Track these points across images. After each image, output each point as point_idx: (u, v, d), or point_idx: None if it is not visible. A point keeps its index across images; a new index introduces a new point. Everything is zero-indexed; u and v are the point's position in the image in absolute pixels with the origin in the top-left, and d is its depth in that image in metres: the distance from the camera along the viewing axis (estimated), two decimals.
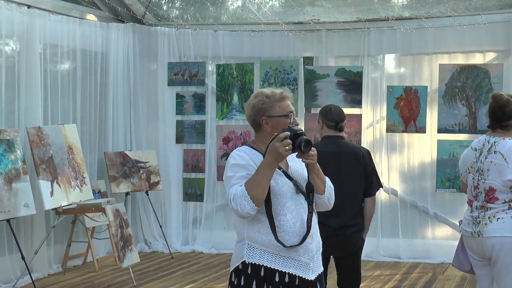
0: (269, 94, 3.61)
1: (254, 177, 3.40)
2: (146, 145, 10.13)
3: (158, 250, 9.95)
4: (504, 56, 9.14)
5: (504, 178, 4.58)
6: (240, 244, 3.57)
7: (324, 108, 5.63)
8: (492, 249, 4.61)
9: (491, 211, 4.66)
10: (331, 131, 5.47)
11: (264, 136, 3.59)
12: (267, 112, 3.58)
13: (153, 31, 10.17)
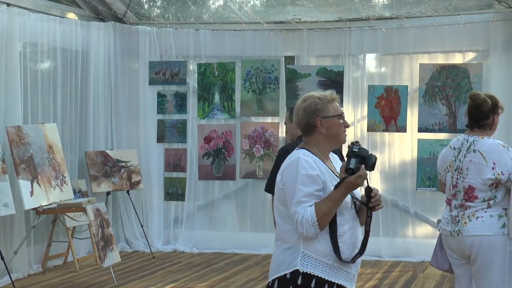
0: (319, 96, 3.58)
1: (327, 206, 3.36)
2: (127, 144, 10.09)
3: (139, 250, 9.92)
4: (483, 56, 9.21)
5: (483, 176, 4.61)
6: (290, 252, 3.47)
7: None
8: (472, 248, 4.64)
9: (470, 210, 4.68)
10: None
11: (318, 138, 3.56)
12: (321, 113, 3.55)
13: (134, 30, 10.14)
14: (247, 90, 9.89)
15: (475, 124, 4.80)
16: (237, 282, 8.06)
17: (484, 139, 4.72)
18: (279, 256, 3.51)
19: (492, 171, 4.58)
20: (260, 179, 9.80)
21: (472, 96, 4.85)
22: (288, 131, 5.70)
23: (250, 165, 9.86)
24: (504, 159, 4.61)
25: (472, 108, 4.79)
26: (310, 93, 3.64)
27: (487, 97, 4.80)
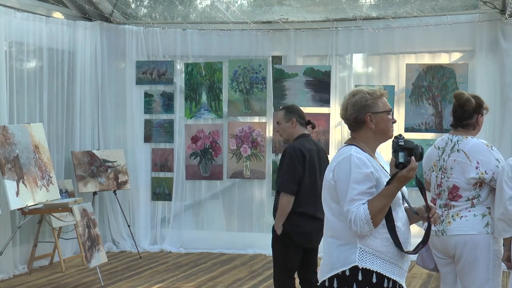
0: (369, 91, 3.55)
1: (381, 203, 3.34)
2: (114, 144, 10.07)
3: (126, 250, 9.90)
4: (469, 56, 9.25)
5: (467, 176, 4.63)
6: (347, 248, 3.43)
7: (292, 107, 5.74)
8: (456, 247, 4.66)
9: (455, 209, 4.70)
10: (304, 129, 5.61)
11: (366, 134, 3.55)
12: (371, 108, 3.52)
13: (121, 29, 10.11)
14: (234, 90, 9.89)
15: (459, 124, 4.82)
16: (224, 282, 8.06)
17: (468, 139, 4.74)
18: (334, 253, 3.46)
19: (476, 170, 4.60)
20: (248, 179, 9.81)
21: (456, 96, 4.88)
22: (283, 131, 5.64)
23: (237, 165, 9.86)
24: (488, 159, 4.64)
25: (456, 108, 4.82)
26: (359, 88, 3.62)
27: (472, 97, 4.83)
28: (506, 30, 8.79)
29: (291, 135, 5.60)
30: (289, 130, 5.59)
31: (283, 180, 5.43)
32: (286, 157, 5.46)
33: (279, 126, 5.65)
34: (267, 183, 9.76)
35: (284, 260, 5.56)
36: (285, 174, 5.44)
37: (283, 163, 5.49)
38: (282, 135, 5.71)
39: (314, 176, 5.49)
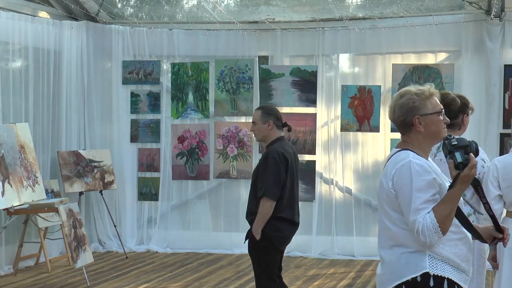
0: (417, 92, 3.41)
1: (446, 209, 3.20)
2: (100, 144, 10.04)
3: (112, 250, 9.87)
4: (455, 56, 9.29)
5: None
6: (416, 255, 3.29)
7: (270, 108, 5.66)
8: None
9: None
10: (280, 131, 5.56)
11: (417, 137, 3.39)
12: (419, 110, 3.38)
13: (107, 29, 10.08)
14: (221, 89, 9.89)
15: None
16: (211, 282, 8.06)
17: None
18: (401, 260, 3.32)
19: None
20: (234, 179, 9.81)
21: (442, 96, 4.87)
22: (259, 132, 5.53)
23: (224, 165, 9.86)
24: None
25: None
26: (407, 88, 3.48)
27: (457, 97, 4.86)
28: (491, 31, 8.84)
29: (267, 137, 5.52)
30: (265, 131, 5.50)
31: (269, 186, 5.34)
32: (270, 161, 5.37)
33: (255, 126, 5.54)
34: None
35: (267, 265, 5.49)
36: (270, 179, 5.35)
37: (266, 167, 5.39)
38: (257, 136, 5.62)
39: (293, 180, 5.49)
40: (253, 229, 5.40)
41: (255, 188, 5.48)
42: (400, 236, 3.32)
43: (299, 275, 8.41)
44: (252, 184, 5.55)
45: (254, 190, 5.49)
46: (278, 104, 9.66)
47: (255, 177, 5.52)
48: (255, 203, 5.43)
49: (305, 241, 9.60)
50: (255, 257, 5.50)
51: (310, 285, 7.91)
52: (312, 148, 9.57)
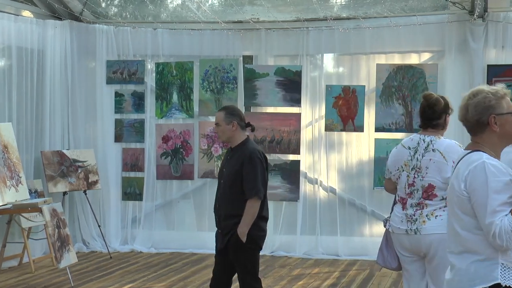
0: (491, 91, 3.30)
1: None
2: (84, 144, 10.00)
3: (96, 250, 9.84)
4: (438, 56, 9.34)
5: (444, 175, 4.71)
6: (486, 264, 3.17)
7: (233, 109, 5.62)
8: (430, 246, 4.73)
9: (429, 208, 4.77)
10: (245, 132, 5.51)
11: (491, 138, 3.29)
12: (495, 109, 3.26)
13: (91, 28, 10.05)
14: (205, 89, 9.88)
15: (428, 124, 4.90)
16: (195, 282, 8.05)
17: (441, 139, 4.84)
18: (470, 268, 3.20)
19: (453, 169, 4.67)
20: None
21: (426, 97, 4.95)
22: (223, 133, 5.45)
23: (208, 165, 9.85)
24: None
25: (425, 108, 4.89)
26: (479, 87, 3.35)
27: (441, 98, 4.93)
28: (474, 31, 8.89)
29: (232, 138, 5.45)
30: (229, 132, 5.42)
31: (258, 186, 5.32)
32: (256, 161, 5.33)
33: (219, 128, 5.45)
34: None
35: (253, 266, 5.46)
36: (258, 179, 5.33)
37: (253, 168, 5.33)
38: (221, 137, 5.54)
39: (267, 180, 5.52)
40: (240, 232, 5.31)
41: (235, 190, 5.36)
42: (471, 242, 3.21)
43: (283, 275, 8.42)
44: (230, 185, 5.40)
45: (235, 192, 5.37)
46: (263, 104, 9.70)
47: (233, 178, 5.37)
48: (238, 205, 5.32)
49: (290, 241, 9.62)
50: (240, 260, 5.41)
51: (294, 285, 7.92)
52: (297, 148, 9.58)
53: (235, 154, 5.44)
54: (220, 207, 5.47)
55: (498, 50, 8.89)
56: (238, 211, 5.33)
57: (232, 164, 5.43)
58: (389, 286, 7.86)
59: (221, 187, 5.49)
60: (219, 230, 5.53)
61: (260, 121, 9.61)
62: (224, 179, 5.47)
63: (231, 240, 5.36)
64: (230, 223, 5.37)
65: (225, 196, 5.44)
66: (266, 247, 9.58)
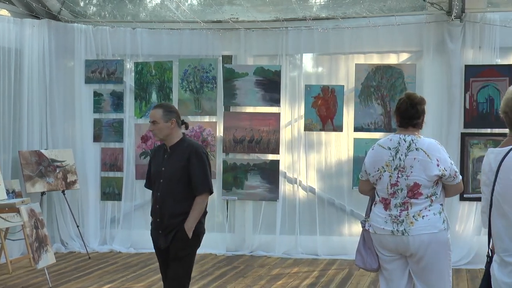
0: None
1: None
2: (63, 144, 9.94)
3: (75, 251, 9.78)
4: (416, 56, 9.39)
5: (429, 173, 4.75)
6: None
7: (171, 106, 5.51)
8: (420, 246, 4.78)
9: (414, 208, 4.80)
10: (180, 130, 5.40)
11: None
12: None
13: (70, 27, 9.99)
14: (185, 89, 9.86)
15: (409, 123, 4.92)
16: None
17: (422, 138, 4.88)
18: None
19: (438, 167, 4.74)
20: None
21: (410, 96, 4.99)
22: (160, 131, 5.28)
23: None
24: (444, 157, 4.82)
25: (408, 107, 4.91)
26: None
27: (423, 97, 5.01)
28: (452, 31, 8.95)
29: (169, 136, 5.31)
30: (167, 130, 5.29)
31: (209, 181, 5.29)
32: (202, 157, 5.28)
33: (156, 125, 5.28)
34: (217, 182, 9.74)
35: (191, 264, 5.39)
36: (207, 175, 5.28)
37: (200, 164, 5.26)
38: (158, 135, 5.33)
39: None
40: (188, 227, 5.22)
41: (181, 187, 5.27)
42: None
43: (262, 275, 8.43)
44: (177, 183, 5.27)
45: (181, 189, 5.27)
46: (242, 104, 9.70)
47: (180, 175, 5.26)
48: (185, 202, 5.25)
49: (269, 241, 9.64)
50: (181, 256, 5.29)
51: (273, 285, 7.93)
52: (276, 147, 9.59)
53: (175, 152, 5.33)
54: (163, 207, 5.29)
55: (476, 51, 8.96)
56: (185, 209, 5.25)
57: (174, 161, 5.31)
58: (368, 285, 7.89)
59: (162, 187, 5.32)
60: (159, 231, 5.34)
61: (239, 121, 9.62)
62: (165, 178, 5.31)
63: (177, 236, 5.25)
64: (176, 221, 5.26)
65: (169, 195, 5.28)
66: (245, 246, 9.66)
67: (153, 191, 5.45)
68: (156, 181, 5.39)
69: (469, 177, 8.86)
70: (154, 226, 5.41)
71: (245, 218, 9.80)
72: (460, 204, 8.94)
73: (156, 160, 5.44)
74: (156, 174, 5.38)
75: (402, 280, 4.97)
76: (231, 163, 9.69)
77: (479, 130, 8.95)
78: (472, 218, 8.92)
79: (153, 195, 5.45)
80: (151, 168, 5.50)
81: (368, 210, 5.14)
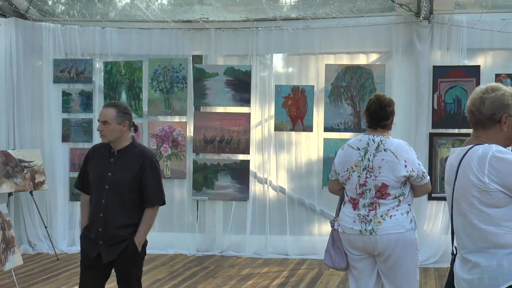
0: (509, 91, 3.31)
1: None
2: (31, 144, 9.84)
3: (43, 252, 9.69)
4: (386, 57, 9.44)
5: (397, 174, 4.79)
6: None
7: (125, 107, 5.12)
8: (387, 246, 4.82)
9: (382, 208, 4.84)
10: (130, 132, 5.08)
11: (496, 136, 3.31)
12: (510, 110, 3.30)
13: (38, 26, 9.89)
14: (155, 89, 9.82)
15: (379, 124, 4.96)
16: (144, 283, 7.93)
17: (390, 139, 4.92)
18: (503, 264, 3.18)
19: (405, 168, 4.78)
20: (168, 178, 9.74)
21: (379, 98, 5.02)
22: (111, 133, 4.91)
23: None
24: (412, 157, 4.86)
25: (377, 109, 4.94)
26: (498, 84, 3.36)
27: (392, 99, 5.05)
28: (420, 32, 9.02)
29: (120, 139, 4.96)
30: (118, 132, 4.92)
31: (162, 193, 5.07)
32: (156, 166, 5.00)
33: (107, 126, 4.90)
34: (187, 182, 9.72)
35: (141, 276, 5.16)
36: (160, 186, 5.04)
37: (154, 173, 4.98)
38: (107, 137, 4.94)
39: None
40: (139, 241, 4.96)
41: (131, 197, 4.95)
42: (499, 236, 3.18)
43: (233, 275, 8.42)
44: (128, 193, 4.93)
45: (131, 200, 4.95)
46: (212, 104, 9.68)
47: (131, 184, 4.93)
48: (134, 213, 4.96)
49: (239, 241, 9.63)
50: (132, 271, 5.05)
51: (244, 285, 7.93)
52: (246, 147, 9.59)
53: (124, 158, 4.97)
54: (109, 217, 4.92)
55: (443, 52, 9.04)
56: (135, 220, 4.96)
57: (125, 168, 4.95)
58: (338, 284, 7.93)
59: (108, 194, 4.93)
60: (99, 242, 4.95)
61: (209, 121, 9.60)
62: (113, 185, 4.92)
63: (128, 250, 4.96)
64: (125, 233, 4.94)
65: (118, 205, 4.92)
66: (215, 247, 9.64)
67: (94, 196, 5.00)
68: (98, 186, 4.96)
69: (437, 177, 8.94)
70: (94, 235, 4.98)
71: (215, 218, 9.78)
72: (428, 203, 9.01)
73: (98, 162, 5.02)
74: (99, 179, 4.96)
75: (370, 279, 5.01)
76: (201, 163, 9.67)
77: (447, 130, 9.04)
78: (440, 217, 9.00)
79: (94, 201, 4.99)
80: (91, 170, 5.04)
81: (337, 210, 5.17)
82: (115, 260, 4.99)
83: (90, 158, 5.12)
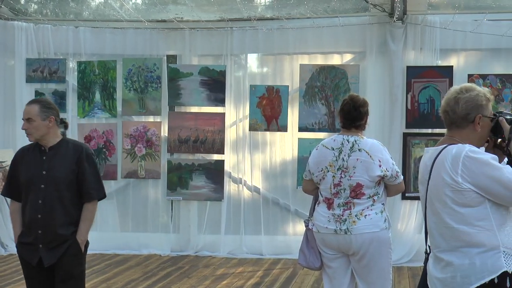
0: (483, 91, 3.34)
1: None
2: (3, 144, 9.76)
3: (15, 253, 9.57)
4: (360, 57, 9.49)
5: (372, 174, 4.82)
6: (491, 254, 3.19)
7: (49, 102, 4.87)
8: (362, 245, 4.85)
9: (357, 208, 4.87)
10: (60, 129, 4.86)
11: (469, 136, 3.33)
12: (484, 110, 3.33)
13: (10, 25, 9.80)
14: (129, 89, 9.77)
15: (352, 125, 4.99)
16: (118, 283, 7.95)
17: (365, 139, 4.94)
18: (475, 262, 3.20)
19: (380, 168, 4.81)
20: (142, 178, 9.71)
21: (354, 98, 5.05)
22: (36, 130, 4.68)
23: (132, 165, 9.74)
24: (386, 157, 4.90)
25: (351, 109, 4.97)
26: (472, 85, 3.39)
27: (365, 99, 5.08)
28: (394, 33, 9.08)
29: (47, 136, 4.73)
30: (44, 129, 4.70)
31: (102, 186, 4.89)
32: (93, 159, 4.82)
33: (31, 124, 4.69)
34: (162, 182, 9.69)
35: (84, 275, 4.98)
36: (99, 178, 4.86)
37: (91, 167, 4.79)
38: (34, 135, 4.71)
39: None
40: (82, 240, 4.79)
41: (71, 194, 4.75)
42: (472, 235, 3.21)
43: (207, 275, 8.41)
44: (66, 189, 4.73)
45: (71, 196, 4.75)
46: (187, 104, 9.66)
47: (69, 180, 4.73)
48: (74, 210, 4.77)
49: (214, 241, 9.62)
50: (76, 271, 4.86)
51: (218, 285, 7.92)
52: (221, 147, 9.58)
53: (58, 154, 4.76)
54: (49, 217, 4.69)
55: (417, 52, 9.11)
56: (75, 218, 4.79)
57: (60, 164, 4.74)
58: (312, 284, 7.95)
59: (46, 193, 4.69)
60: (38, 245, 4.72)
61: (184, 120, 9.58)
62: (50, 183, 4.70)
63: (70, 251, 4.78)
64: (67, 233, 4.75)
65: (56, 203, 4.70)
66: (190, 247, 9.63)
67: (29, 199, 4.73)
68: (33, 187, 4.71)
69: (410, 176, 9.01)
70: (32, 239, 4.73)
71: (190, 218, 9.76)
72: (402, 203, 9.07)
73: (28, 163, 4.77)
74: (34, 179, 4.72)
75: (345, 278, 5.04)
76: (176, 163, 9.65)
77: (421, 130, 9.11)
78: (414, 217, 9.06)
79: (30, 204, 4.72)
80: (23, 173, 4.78)
81: (311, 210, 5.19)
82: (56, 262, 4.77)
83: (18, 161, 4.87)
